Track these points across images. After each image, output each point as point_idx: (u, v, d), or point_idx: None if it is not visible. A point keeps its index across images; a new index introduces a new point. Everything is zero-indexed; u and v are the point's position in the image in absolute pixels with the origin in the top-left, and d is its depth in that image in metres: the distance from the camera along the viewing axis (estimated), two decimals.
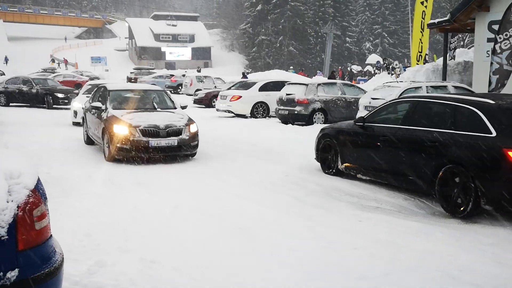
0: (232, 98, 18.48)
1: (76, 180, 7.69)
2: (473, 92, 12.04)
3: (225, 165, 9.12)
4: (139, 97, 10.66)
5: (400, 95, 11.50)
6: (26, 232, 2.54)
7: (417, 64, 22.51)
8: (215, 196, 6.80)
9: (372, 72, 41.07)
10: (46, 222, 2.70)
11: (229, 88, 20.34)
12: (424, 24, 22.12)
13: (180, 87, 35.56)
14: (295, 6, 72.66)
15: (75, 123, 15.10)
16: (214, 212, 5.97)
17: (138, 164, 9.06)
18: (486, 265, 4.37)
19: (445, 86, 12.91)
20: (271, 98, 17.75)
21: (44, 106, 21.91)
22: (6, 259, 2.46)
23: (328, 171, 8.35)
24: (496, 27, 12.70)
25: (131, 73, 44.49)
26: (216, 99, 21.03)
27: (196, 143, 9.59)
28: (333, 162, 8.22)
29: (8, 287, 2.44)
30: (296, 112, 15.50)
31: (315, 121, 15.37)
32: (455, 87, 12.93)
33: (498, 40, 11.65)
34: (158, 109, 10.23)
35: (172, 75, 39.21)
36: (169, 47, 79.43)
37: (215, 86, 29.72)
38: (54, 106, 21.70)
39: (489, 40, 13.75)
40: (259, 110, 18.38)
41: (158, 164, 9.19)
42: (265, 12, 73.21)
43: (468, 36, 26.31)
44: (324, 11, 75.13)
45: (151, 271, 4.13)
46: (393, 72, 27.63)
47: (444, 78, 17.11)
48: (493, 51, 11.84)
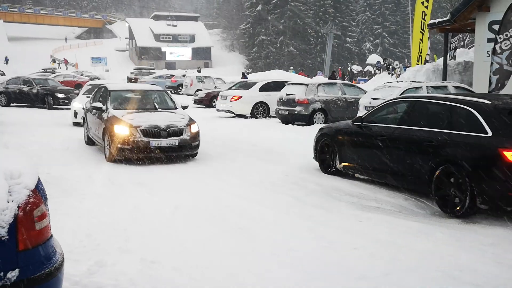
0: (232, 98, 18.48)
1: (76, 180, 7.69)
2: (474, 92, 12.04)
3: (225, 165, 9.12)
4: (140, 97, 10.62)
5: (401, 95, 11.49)
6: (27, 232, 2.54)
7: (417, 64, 22.50)
8: (215, 196, 6.80)
9: (373, 72, 41.07)
10: (46, 222, 2.71)
11: (230, 88, 20.33)
12: (425, 24, 22.11)
13: (181, 87, 35.56)
14: (296, 6, 72.63)
15: (75, 124, 15.12)
16: (214, 212, 5.97)
17: (139, 165, 9.06)
18: (486, 265, 4.37)
19: (445, 86, 12.92)
20: (272, 98, 17.75)
21: (45, 106, 21.91)
22: (6, 259, 2.46)
23: (327, 171, 8.37)
24: (496, 27, 12.71)
25: (131, 73, 44.50)
26: (216, 99, 21.03)
27: (197, 143, 9.57)
28: (332, 162, 8.25)
29: (8, 287, 2.44)
30: (296, 112, 15.51)
31: (315, 121, 15.37)
32: (456, 87, 12.93)
33: (499, 40, 11.66)
34: (159, 109, 10.20)
35: (172, 75, 39.23)
36: (169, 47, 79.40)
37: (215, 86, 29.73)
38: (54, 106, 21.70)
39: (489, 40, 13.75)
40: (260, 110, 18.37)
41: (158, 164, 9.19)
42: (265, 12, 73.19)
43: (468, 36, 26.31)
44: (325, 11, 75.10)
45: (151, 271, 4.13)
46: (393, 72, 27.69)
47: (444, 78, 17.10)
48: (494, 51, 11.84)
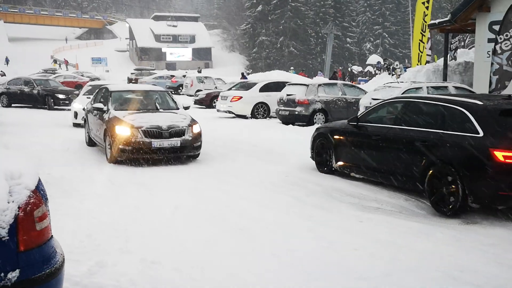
0: (232, 98, 18.48)
1: (76, 180, 7.70)
2: (474, 93, 12.03)
3: (225, 166, 9.12)
4: (141, 98, 10.58)
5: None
6: (27, 233, 2.55)
7: (417, 64, 22.50)
8: (215, 197, 6.81)
9: (373, 73, 41.08)
10: (47, 223, 2.71)
11: (230, 89, 20.33)
12: (425, 25, 22.11)
13: (181, 88, 35.54)
14: (296, 6, 72.59)
15: (75, 124, 15.07)
16: (214, 212, 5.98)
17: (139, 165, 9.06)
18: (486, 265, 4.37)
19: (445, 87, 12.92)
20: (272, 99, 17.75)
21: (45, 107, 21.90)
22: (7, 259, 2.46)
23: (323, 170, 8.42)
24: (496, 27, 12.72)
25: (131, 73, 44.44)
26: (216, 100, 21.02)
27: (199, 144, 9.53)
28: (328, 161, 8.30)
29: (9, 287, 2.44)
30: (296, 112, 15.51)
31: (315, 122, 15.36)
32: (456, 87, 12.93)
33: (499, 41, 11.66)
34: (160, 109, 10.16)
35: (172, 76, 39.18)
36: (169, 47, 79.40)
37: (215, 87, 29.71)
38: (55, 107, 21.67)
39: (489, 40, 13.76)
40: (260, 111, 18.37)
41: (158, 164, 9.18)
42: (266, 13, 73.15)
43: (468, 37, 26.32)
44: (325, 11, 75.08)
45: (151, 272, 4.14)
46: (393, 73, 27.68)
47: (444, 79, 17.11)
48: (494, 51, 11.85)
